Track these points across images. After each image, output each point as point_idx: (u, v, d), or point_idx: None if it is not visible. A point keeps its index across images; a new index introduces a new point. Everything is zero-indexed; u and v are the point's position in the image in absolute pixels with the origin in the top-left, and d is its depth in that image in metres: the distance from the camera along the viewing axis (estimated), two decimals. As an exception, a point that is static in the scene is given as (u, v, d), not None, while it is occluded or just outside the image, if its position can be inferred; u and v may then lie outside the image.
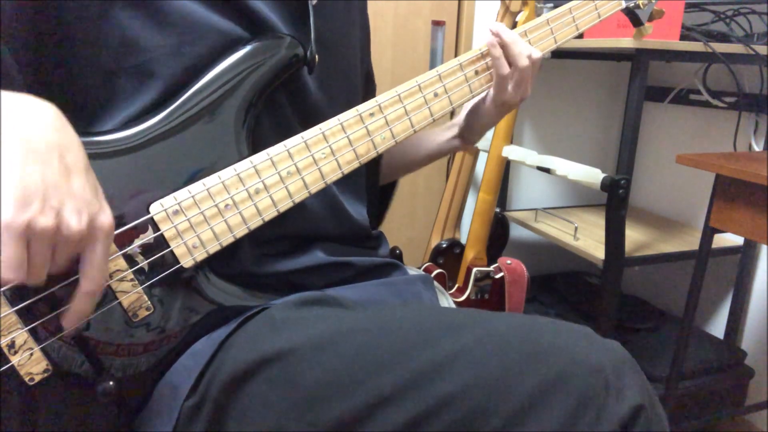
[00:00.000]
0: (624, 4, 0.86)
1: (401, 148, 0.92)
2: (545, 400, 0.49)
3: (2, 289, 0.51)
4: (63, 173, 0.50)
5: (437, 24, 1.80)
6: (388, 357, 0.54)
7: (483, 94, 0.80)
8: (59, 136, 0.51)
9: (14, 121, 0.49)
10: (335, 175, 0.67)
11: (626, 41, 1.32)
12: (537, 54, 0.77)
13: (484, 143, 1.61)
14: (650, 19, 0.90)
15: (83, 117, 0.54)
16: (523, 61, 0.76)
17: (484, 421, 0.50)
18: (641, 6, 0.87)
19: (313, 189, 0.66)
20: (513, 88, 0.77)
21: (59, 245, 0.49)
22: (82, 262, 0.51)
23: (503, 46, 0.75)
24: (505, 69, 0.76)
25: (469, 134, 0.89)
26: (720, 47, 1.37)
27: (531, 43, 0.79)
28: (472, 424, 0.50)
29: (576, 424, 0.48)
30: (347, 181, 0.76)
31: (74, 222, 0.49)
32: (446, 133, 0.92)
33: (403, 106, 0.70)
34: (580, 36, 0.85)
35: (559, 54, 1.80)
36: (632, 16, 0.89)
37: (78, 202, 0.50)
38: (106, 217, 0.52)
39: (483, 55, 0.76)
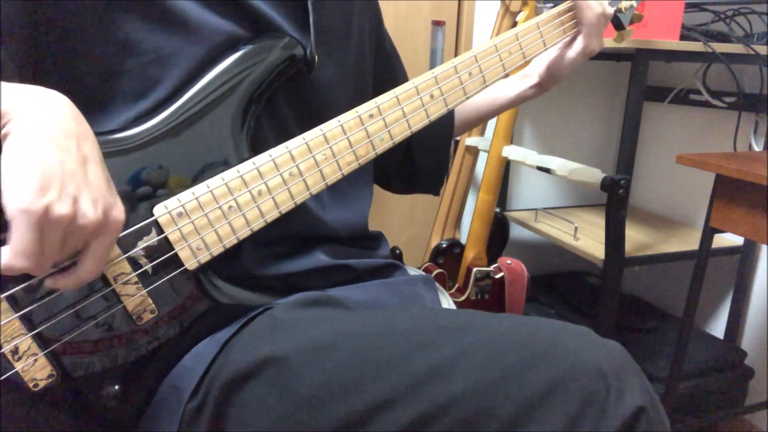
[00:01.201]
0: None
1: (474, 104, 0.96)
2: (546, 402, 0.49)
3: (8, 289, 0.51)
4: (80, 162, 0.49)
5: (437, 24, 1.80)
6: (388, 360, 0.54)
7: (560, 48, 0.88)
8: (76, 126, 0.51)
9: (33, 109, 0.49)
10: (335, 177, 0.67)
11: (626, 41, 1.31)
12: (609, 9, 0.87)
13: (484, 143, 1.61)
14: (631, 22, 0.95)
15: None
16: (596, 12, 0.85)
17: (485, 424, 0.50)
18: (623, 10, 0.92)
19: (314, 190, 0.66)
20: (594, 36, 0.86)
21: (72, 234, 0.48)
22: (86, 251, 0.51)
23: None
24: (593, 18, 0.85)
25: (551, 80, 0.92)
26: (720, 47, 1.37)
27: (522, 47, 0.81)
28: (472, 427, 0.50)
29: (577, 425, 0.48)
30: (348, 181, 0.76)
31: (90, 211, 0.49)
32: (520, 84, 0.94)
33: (401, 107, 0.70)
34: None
35: (559, 54, 1.80)
36: (615, 20, 0.93)
37: (94, 191, 0.50)
38: (119, 211, 0.52)
39: (476, 58, 0.76)
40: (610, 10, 0.87)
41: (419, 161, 0.97)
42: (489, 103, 0.96)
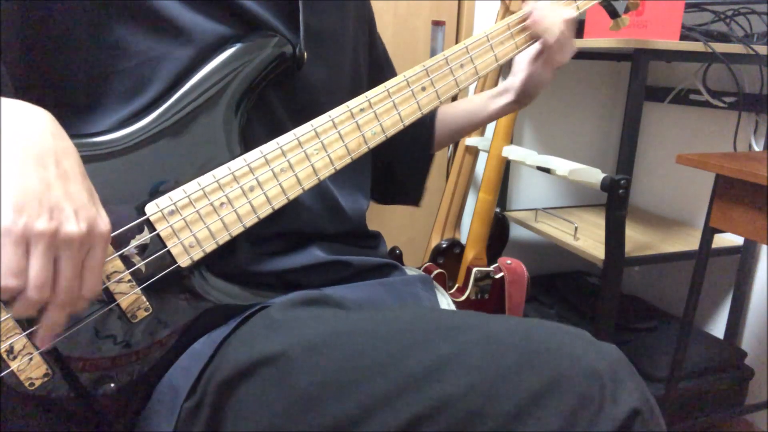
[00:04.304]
0: None
1: (454, 119, 0.95)
2: (541, 404, 0.49)
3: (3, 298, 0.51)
4: (60, 178, 0.50)
5: (437, 24, 1.80)
6: (384, 359, 0.54)
7: (530, 65, 0.83)
8: (56, 142, 0.51)
9: (11, 127, 0.49)
10: (328, 171, 0.67)
11: (626, 41, 1.31)
12: (570, 14, 0.80)
13: (484, 143, 1.61)
14: (626, 11, 0.92)
15: (71, 119, 0.54)
16: (554, 32, 0.78)
17: (479, 425, 0.49)
18: None
19: (306, 185, 0.66)
20: (559, 51, 0.80)
21: (60, 251, 0.49)
22: (82, 270, 0.51)
23: (535, 22, 0.78)
24: (552, 38, 0.78)
25: (527, 98, 0.89)
26: (720, 47, 1.37)
27: (514, 36, 0.79)
28: (467, 427, 0.50)
29: (572, 427, 0.48)
30: (345, 177, 0.76)
31: (73, 225, 0.49)
32: (499, 100, 0.90)
33: (392, 100, 0.70)
34: (581, 35, 0.86)
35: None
36: (609, 8, 0.91)
37: (75, 206, 0.50)
38: (103, 223, 0.52)
39: (467, 49, 0.76)
40: (572, 14, 0.80)
41: (399, 173, 0.97)
42: (469, 119, 0.95)
